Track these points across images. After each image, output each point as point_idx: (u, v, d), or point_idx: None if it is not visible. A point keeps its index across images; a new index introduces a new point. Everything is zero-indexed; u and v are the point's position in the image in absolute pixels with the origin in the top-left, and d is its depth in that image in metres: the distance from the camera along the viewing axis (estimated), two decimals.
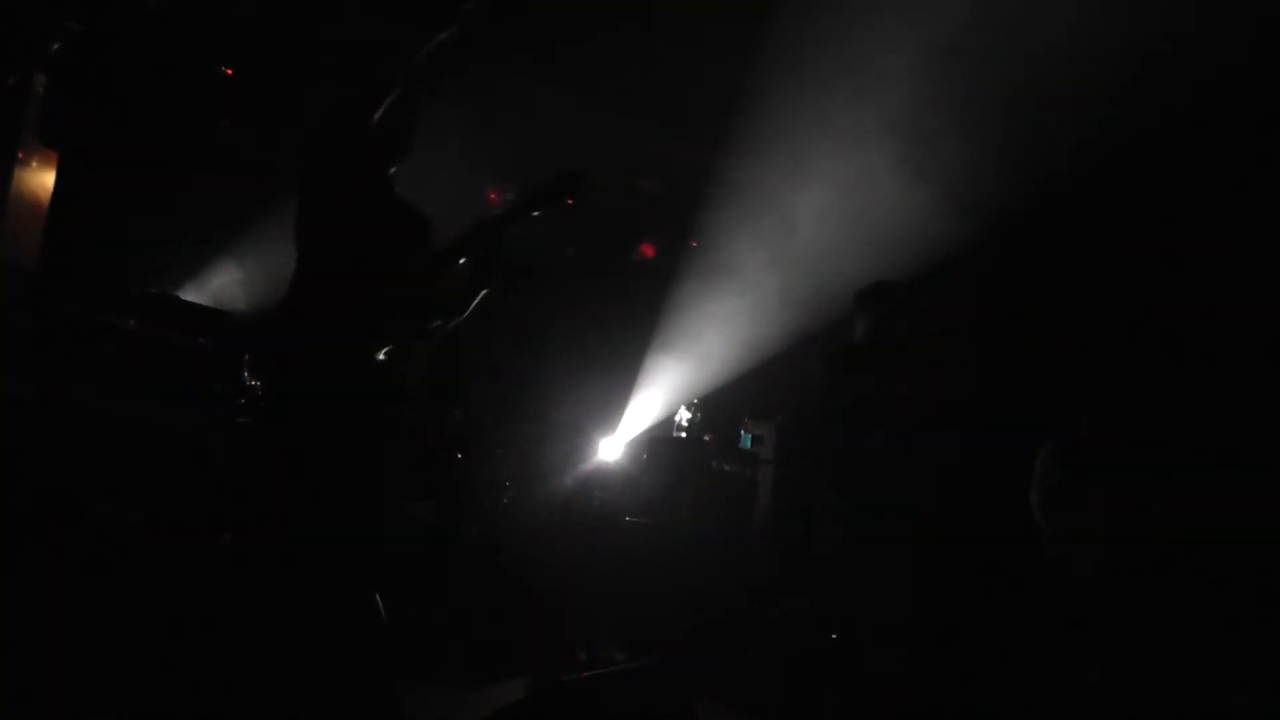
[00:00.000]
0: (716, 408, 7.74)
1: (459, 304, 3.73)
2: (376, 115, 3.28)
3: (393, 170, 3.55)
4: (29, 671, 3.55)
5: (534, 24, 6.45)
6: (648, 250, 8.33)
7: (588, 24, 6.42)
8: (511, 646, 5.26)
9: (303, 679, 4.04)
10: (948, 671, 6.00)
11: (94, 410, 4.58)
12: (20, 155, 5.73)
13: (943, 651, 6.16)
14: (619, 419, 7.16)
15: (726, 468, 7.52)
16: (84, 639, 3.81)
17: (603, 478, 6.73)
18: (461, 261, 3.82)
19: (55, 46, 5.60)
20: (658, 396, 7.47)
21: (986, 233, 6.71)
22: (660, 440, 7.54)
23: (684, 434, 7.57)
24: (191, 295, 6.23)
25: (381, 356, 3.48)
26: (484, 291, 3.75)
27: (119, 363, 4.74)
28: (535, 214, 4.00)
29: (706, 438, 7.60)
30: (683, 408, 7.59)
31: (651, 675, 4.97)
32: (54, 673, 3.60)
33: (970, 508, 6.62)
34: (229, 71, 6.45)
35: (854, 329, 5.92)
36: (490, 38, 6.60)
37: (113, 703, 3.56)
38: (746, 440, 7.74)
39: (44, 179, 5.86)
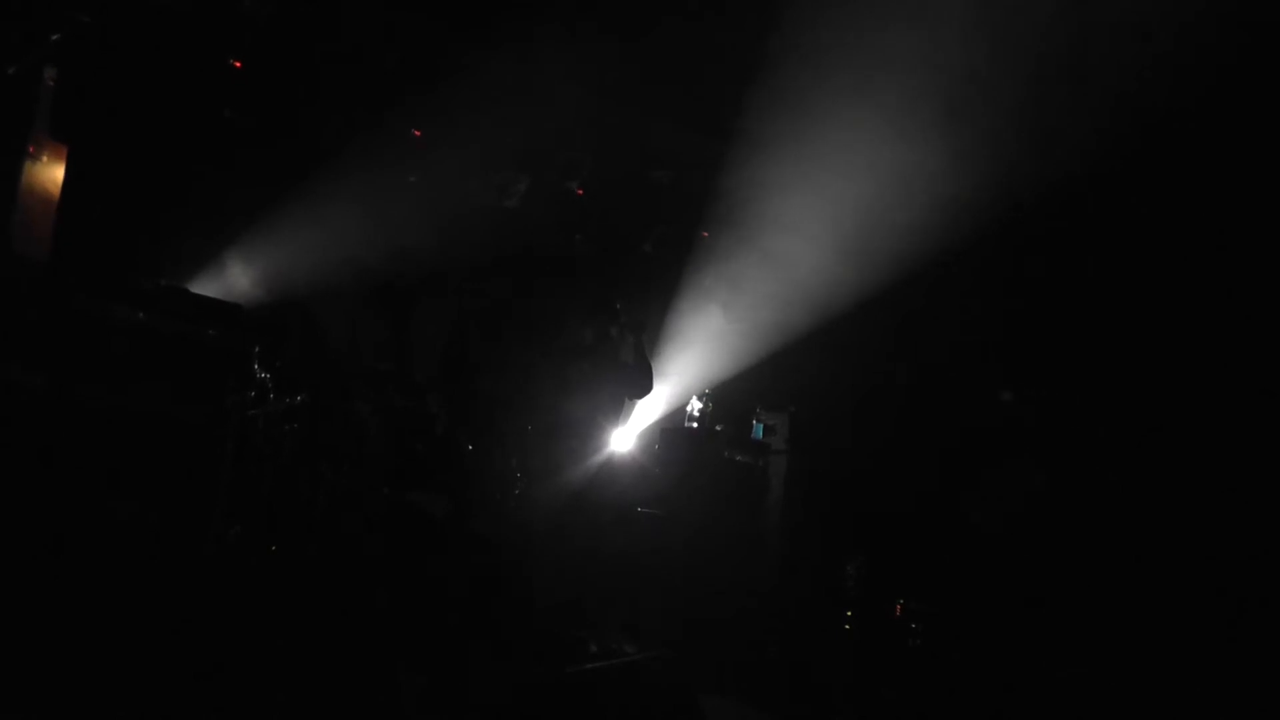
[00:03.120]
0: (728, 399, 7.72)
1: None
2: None
3: None
4: (35, 668, 3.56)
5: (547, 17, 6.42)
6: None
7: (599, 15, 6.39)
8: (522, 638, 5.26)
9: (308, 673, 4.07)
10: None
11: (103, 404, 4.59)
12: (31, 149, 5.74)
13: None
14: (630, 410, 7.15)
15: (739, 458, 7.50)
16: (89, 633, 3.83)
17: (615, 469, 6.71)
18: None
19: (65, 38, 5.61)
20: (669, 387, 7.45)
21: (999, 226, 6.66)
22: (672, 431, 7.53)
23: (696, 425, 7.56)
24: (202, 288, 6.23)
25: None
26: None
27: (128, 356, 4.74)
28: None
29: (718, 428, 7.59)
30: (694, 398, 7.57)
31: (660, 667, 4.99)
32: (61, 668, 3.61)
33: None
34: (238, 64, 6.45)
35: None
36: (504, 31, 6.59)
37: (118, 697, 3.56)
38: (759, 431, 7.72)
39: (54, 172, 5.86)
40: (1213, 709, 5.34)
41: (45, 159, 5.79)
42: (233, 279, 6.51)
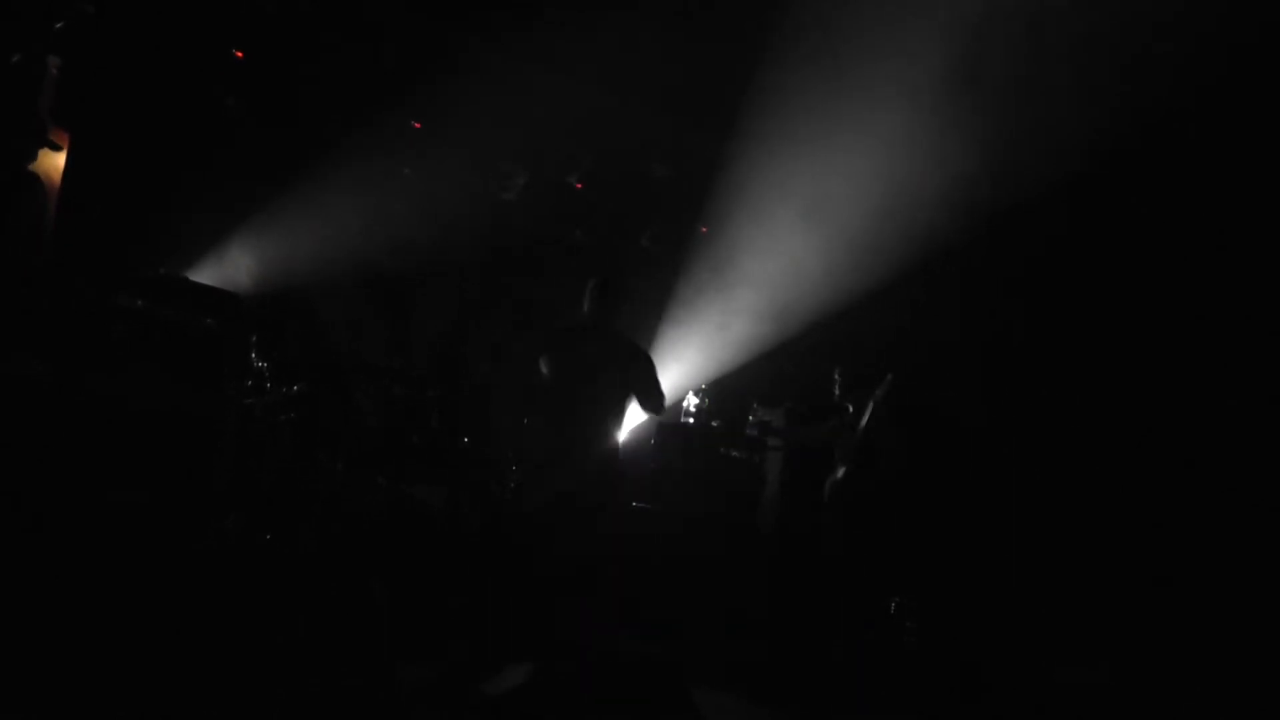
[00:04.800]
0: (724, 393, 7.72)
1: None
2: None
3: None
4: (34, 663, 3.55)
5: (546, 12, 6.42)
6: None
7: (600, 10, 6.38)
8: (515, 632, 5.27)
9: (306, 666, 4.07)
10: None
11: (102, 392, 4.59)
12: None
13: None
14: (628, 405, 7.15)
15: (734, 454, 7.50)
16: (87, 627, 3.82)
17: (611, 463, 6.71)
18: None
19: (68, 26, 5.61)
20: (665, 382, 7.44)
21: (999, 226, 6.68)
22: (668, 426, 7.52)
23: (691, 419, 7.55)
24: (201, 276, 6.24)
25: None
26: None
27: (127, 344, 4.73)
28: None
29: (714, 423, 7.58)
30: (690, 393, 7.57)
31: (655, 662, 5.00)
32: (59, 662, 3.60)
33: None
34: (239, 54, 6.44)
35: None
36: (504, 25, 6.59)
37: (117, 695, 3.56)
38: (755, 427, 7.72)
39: (56, 159, 5.86)
40: (1213, 707, 5.36)
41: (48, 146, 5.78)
42: (233, 268, 6.51)
